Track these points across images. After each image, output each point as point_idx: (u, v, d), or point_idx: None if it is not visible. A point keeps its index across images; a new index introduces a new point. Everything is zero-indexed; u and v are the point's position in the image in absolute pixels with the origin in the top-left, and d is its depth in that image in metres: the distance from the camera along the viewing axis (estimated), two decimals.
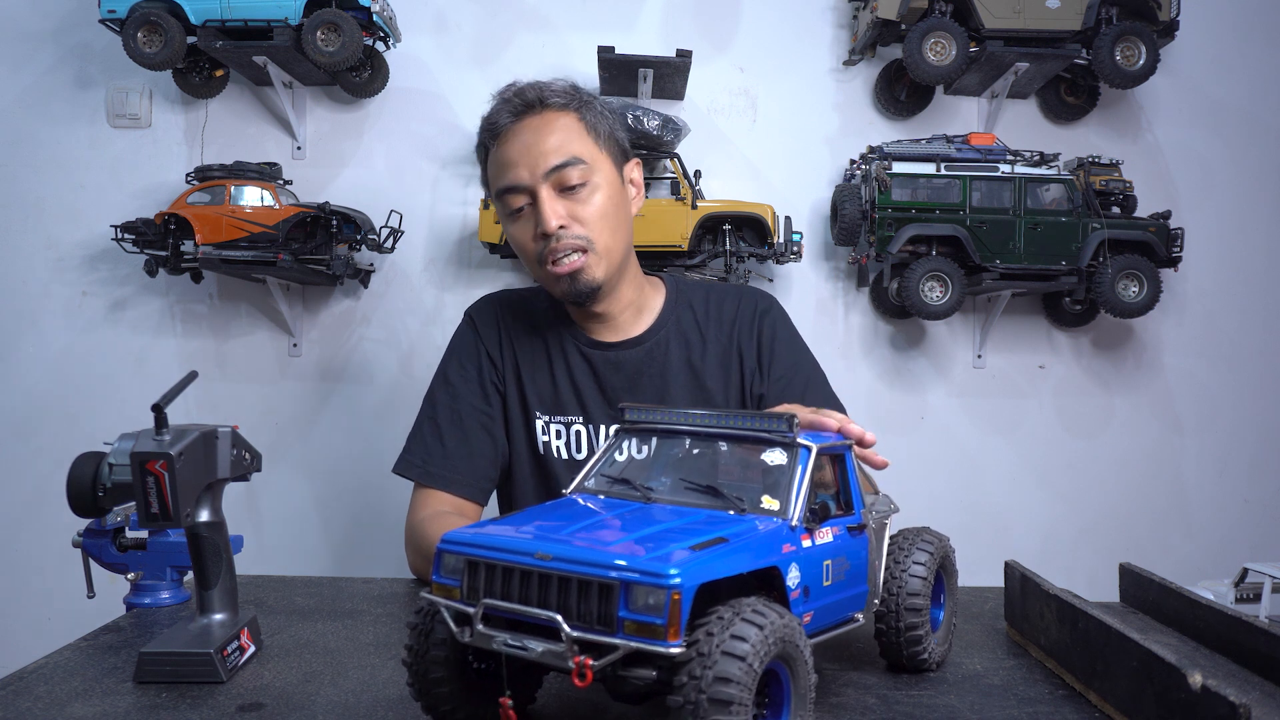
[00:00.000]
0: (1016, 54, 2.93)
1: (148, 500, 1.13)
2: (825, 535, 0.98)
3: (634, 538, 0.86)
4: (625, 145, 1.72)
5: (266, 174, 2.95)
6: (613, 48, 2.89)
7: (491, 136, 1.62)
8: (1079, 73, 3.19)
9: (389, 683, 1.13)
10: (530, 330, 1.80)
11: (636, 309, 1.78)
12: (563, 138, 1.59)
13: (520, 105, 1.60)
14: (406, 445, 1.81)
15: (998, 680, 1.15)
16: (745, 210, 2.93)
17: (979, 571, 1.71)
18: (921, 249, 2.94)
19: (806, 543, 0.95)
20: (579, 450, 1.77)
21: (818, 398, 1.75)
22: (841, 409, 1.76)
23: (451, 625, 0.86)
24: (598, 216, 1.60)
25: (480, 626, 0.85)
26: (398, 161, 3.22)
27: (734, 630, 0.77)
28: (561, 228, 1.57)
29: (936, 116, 3.26)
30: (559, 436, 1.77)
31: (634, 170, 1.74)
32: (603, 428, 1.75)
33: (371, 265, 3.16)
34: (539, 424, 1.78)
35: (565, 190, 1.58)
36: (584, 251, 1.60)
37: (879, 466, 1.21)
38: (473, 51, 3.23)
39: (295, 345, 3.21)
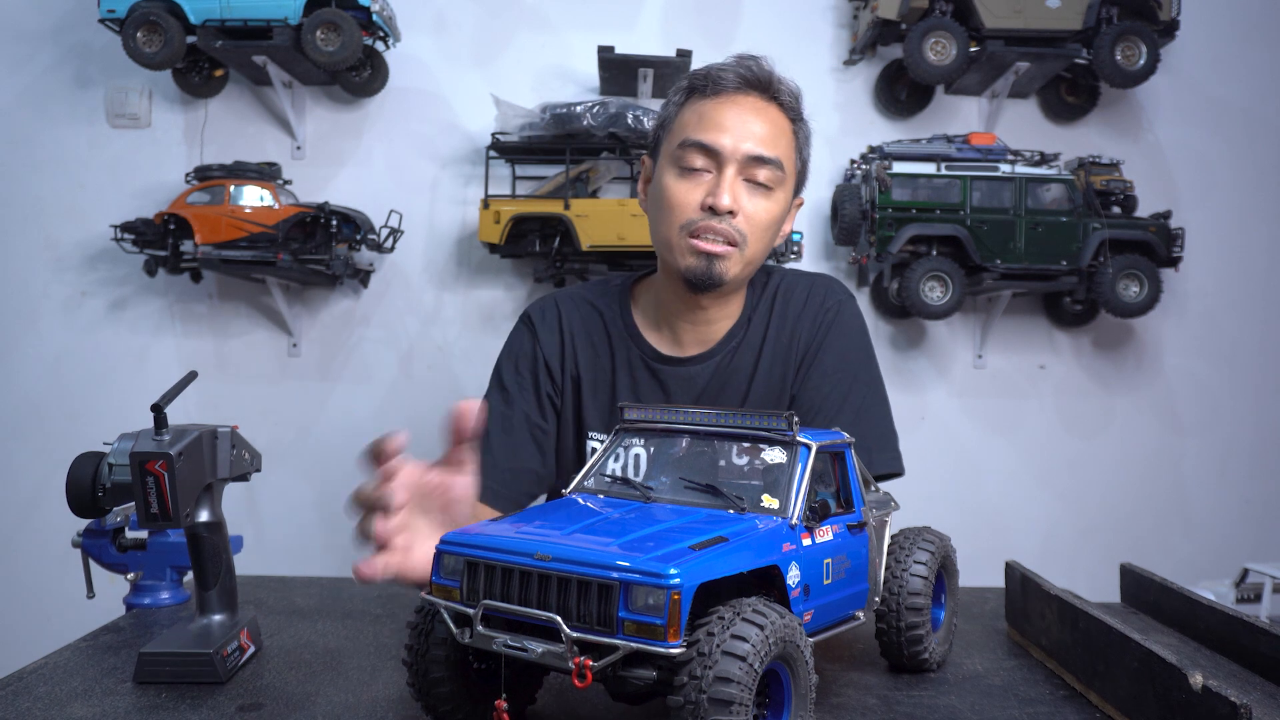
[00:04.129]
0: (1017, 54, 2.93)
1: (147, 500, 1.13)
2: (825, 533, 0.98)
3: (633, 537, 0.86)
4: (804, 180, 1.64)
5: (266, 174, 2.95)
6: (613, 48, 2.89)
7: (711, 88, 1.52)
8: (1079, 72, 3.19)
9: (389, 683, 1.13)
10: (595, 342, 1.67)
11: (730, 320, 1.64)
12: (777, 135, 1.52)
13: (752, 78, 1.52)
14: None
15: (998, 680, 1.15)
16: None
17: (980, 571, 1.71)
18: (922, 249, 2.94)
19: (807, 541, 0.95)
20: (638, 475, 1.58)
21: (850, 410, 1.57)
22: (893, 442, 1.60)
23: (451, 626, 0.86)
24: (763, 225, 1.52)
25: (480, 628, 0.85)
26: (397, 161, 3.22)
27: (734, 630, 0.77)
28: (731, 212, 1.48)
29: (937, 116, 3.26)
30: (616, 460, 1.59)
31: (795, 208, 1.64)
32: None
33: (371, 265, 3.16)
34: (593, 444, 1.64)
35: (750, 183, 1.50)
36: (734, 246, 1.50)
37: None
38: (473, 51, 3.23)
39: (295, 345, 3.21)
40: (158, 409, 1.15)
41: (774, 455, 1.01)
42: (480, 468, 1.59)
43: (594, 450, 1.63)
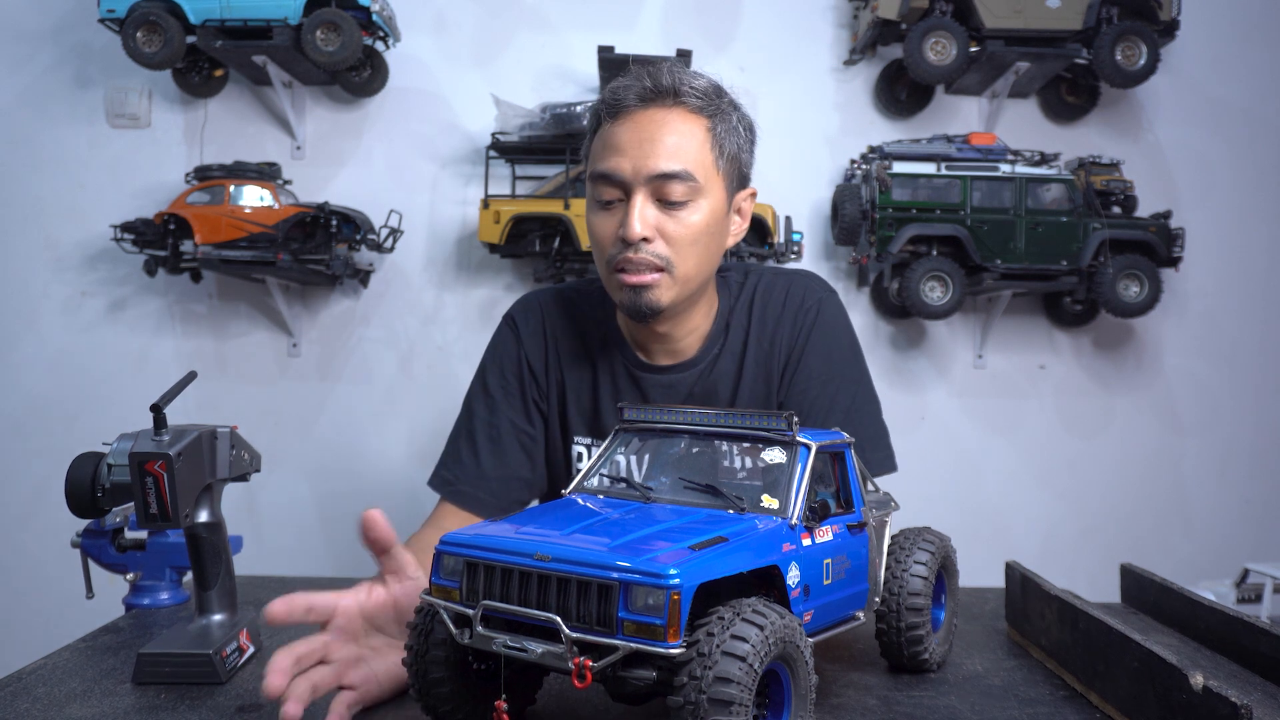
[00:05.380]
0: (1017, 54, 2.93)
1: (147, 501, 1.13)
2: (825, 534, 0.98)
3: (633, 538, 0.86)
4: (747, 170, 1.53)
5: (266, 174, 2.95)
6: (613, 48, 2.88)
7: (610, 112, 1.43)
8: (1080, 72, 3.19)
9: None
10: (578, 344, 1.64)
11: (700, 333, 1.59)
12: (682, 144, 1.41)
13: (651, 90, 1.42)
14: (441, 459, 1.65)
15: (999, 681, 1.15)
16: None
17: (980, 572, 1.71)
18: (922, 249, 2.94)
19: (806, 541, 0.95)
20: (638, 476, 1.58)
21: (840, 411, 1.55)
22: (885, 440, 1.60)
23: (451, 627, 0.86)
24: (688, 240, 1.42)
25: (479, 628, 0.84)
26: (397, 161, 3.22)
27: (734, 630, 0.76)
28: (645, 240, 1.39)
29: (937, 116, 3.26)
30: (615, 460, 1.56)
31: (745, 200, 1.54)
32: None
33: (371, 265, 3.16)
34: (578, 449, 1.63)
35: (663, 202, 1.41)
36: (661, 271, 1.41)
37: None
38: (473, 51, 3.23)
39: (295, 345, 3.21)
40: (157, 409, 1.15)
41: (774, 455, 1.01)
42: (470, 479, 1.61)
43: (580, 455, 1.63)
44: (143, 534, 1.48)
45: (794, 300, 1.60)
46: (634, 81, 1.43)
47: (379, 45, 3.08)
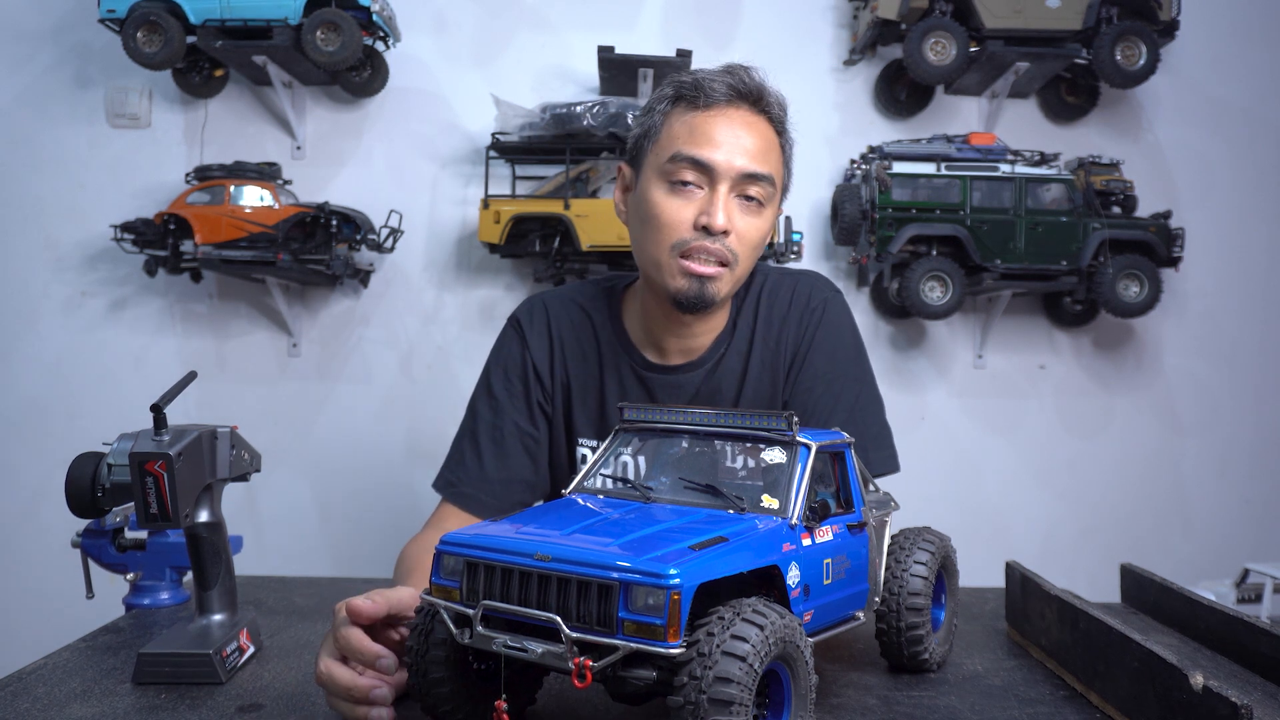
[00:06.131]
0: (1017, 54, 2.93)
1: (147, 501, 1.13)
2: (825, 534, 0.98)
3: (633, 538, 0.86)
4: (788, 191, 1.60)
5: (266, 174, 2.95)
6: (613, 48, 2.89)
7: (703, 99, 1.45)
8: (1079, 72, 3.19)
9: None
10: (584, 347, 1.65)
11: (716, 331, 1.61)
12: (767, 149, 1.47)
13: (742, 90, 1.46)
14: (445, 461, 1.66)
15: (999, 681, 1.15)
16: None
17: (980, 572, 1.71)
18: (922, 249, 2.94)
19: (806, 541, 0.95)
20: (638, 476, 1.56)
21: (844, 410, 1.56)
22: (888, 440, 1.60)
23: (451, 627, 0.86)
24: (753, 243, 1.48)
25: (480, 628, 0.84)
26: (397, 161, 3.22)
27: (734, 630, 0.76)
28: (725, 231, 1.43)
29: (936, 116, 3.26)
30: (615, 460, 1.60)
31: (777, 215, 1.59)
32: None
33: (371, 265, 3.16)
34: (583, 451, 1.64)
35: (742, 199, 1.45)
36: (725, 266, 1.45)
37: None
38: (473, 51, 3.23)
39: (295, 345, 3.21)
40: (157, 409, 1.15)
41: (774, 455, 1.01)
42: (472, 481, 1.60)
43: (584, 457, 1.62)
44: (143, 534, 1.48)
45: (800, 299, 1.63)
46: (722, 75, 1.47)
47: (379, 45, 3.08)
